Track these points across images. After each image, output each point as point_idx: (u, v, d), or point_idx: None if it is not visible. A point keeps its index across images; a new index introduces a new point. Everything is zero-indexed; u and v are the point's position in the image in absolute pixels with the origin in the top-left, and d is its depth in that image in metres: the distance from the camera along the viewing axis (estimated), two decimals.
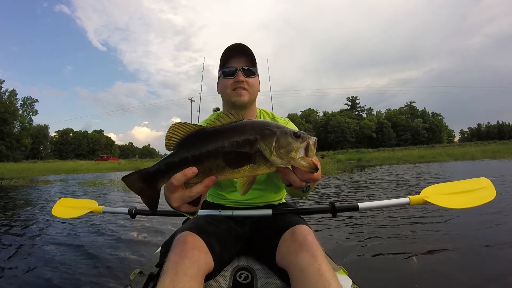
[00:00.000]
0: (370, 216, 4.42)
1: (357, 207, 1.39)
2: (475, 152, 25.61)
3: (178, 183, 0.78)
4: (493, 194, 1.33)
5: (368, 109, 77.47)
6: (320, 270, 0.94)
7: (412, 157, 26.51)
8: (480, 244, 2.98)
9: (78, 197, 5.66)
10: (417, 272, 2.41)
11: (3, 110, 45.09)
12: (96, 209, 1.71)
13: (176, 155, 0.83)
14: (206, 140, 0.81)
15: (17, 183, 13.53)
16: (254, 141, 0.80)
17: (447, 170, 13.35)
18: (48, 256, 3.03)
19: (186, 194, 0.81)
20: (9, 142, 46.89)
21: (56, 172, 24.81)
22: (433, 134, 70.07)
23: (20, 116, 52.51)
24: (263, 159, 0.80)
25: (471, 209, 2.69)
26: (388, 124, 69.45)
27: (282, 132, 0.80)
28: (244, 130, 0.81)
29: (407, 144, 61.80)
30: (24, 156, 51.44)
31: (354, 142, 66.17)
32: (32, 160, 46.91)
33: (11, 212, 5.90)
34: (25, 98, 56.94)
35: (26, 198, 8.42)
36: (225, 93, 1.40)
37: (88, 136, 77.28)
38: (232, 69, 1.36)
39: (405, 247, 2.99)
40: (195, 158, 0.80)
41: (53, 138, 72.91)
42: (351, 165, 22.04)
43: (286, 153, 0.79)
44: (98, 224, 4.44)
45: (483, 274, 2.31)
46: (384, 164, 21.68)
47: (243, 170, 0.81)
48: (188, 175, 0.78)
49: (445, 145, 51.81)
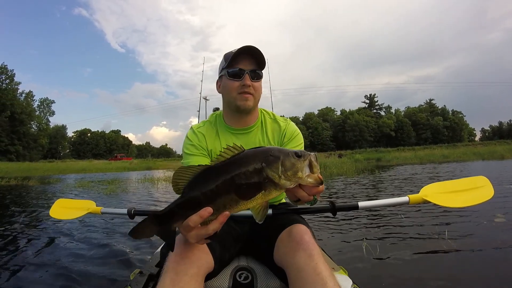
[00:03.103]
0: (370, 215, 4.38)
1: (357, 206, 1.37)
2: (503, 151, 25.39)
3: (194, 224, 0.81)
4: (491, 192, 1.34)
5: (386, 107, 75.12)
6: (316, 270, 0.94)
7: (435, 157, 26.19)
8: (482, 244, 2.92)
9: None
10: (417, 272, 2.38)
11: (20, 111, 45.80)
12: (95, 210, 1.68)
13: (187, 197, 0.85)
14: (215, 178, 0.83)
15: (8, 183, 13.18)
16: (261, 170, 0.82)
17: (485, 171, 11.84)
18: (47, 257, 2.99)
19: (202, 232, 0.83)
20: (26, 142, 47.66)
21: (64, 172, 24.93)
22: (453, 133, 67.45)
23: (37, 117, 53.57)
24: (273, 184, 0.82)
25: (472, 208, 2.65)
26: (408, 123, 67.06)
27: (285, 156, 0.82)
28: (248, 160, 0.83)
29: (427, 143, 59.56)
30: (42, 156, 52.45)
31: (373, 141, 64.10)
32: (49, 160, 48.01)
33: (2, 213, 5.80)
34: (42, 99, 58.14)
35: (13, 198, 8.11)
36: (230, 95, 1.37)
37: (106, 136, 78.53)
38: (239, 71, 1.32)
39: (406, 247, 2.96)
40: (207, 197, 0.82)
41: (71, 138, 74.51)
42: (370, 164, 21.12)
43: (294, 175, 0.81)
44: (97, 225, 4.39)
45: (484, 274, 2.28)
46: (407, 164, 20.67)
47: (256, 199, 0.83)
48: (204, 217, 0.80)
49: (466, 144, 49.63)
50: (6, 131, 43.28)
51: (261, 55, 1.33)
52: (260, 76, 1.37)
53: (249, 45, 1.31)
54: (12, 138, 44.41)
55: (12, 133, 44.62)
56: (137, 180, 13.42)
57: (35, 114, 52.55)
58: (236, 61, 1.33)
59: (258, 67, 1.36)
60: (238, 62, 1.33)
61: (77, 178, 17.53)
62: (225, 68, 1.36)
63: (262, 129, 1.48)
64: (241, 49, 1.31)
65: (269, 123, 1.50)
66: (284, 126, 1.49)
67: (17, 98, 47.11)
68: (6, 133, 43.42)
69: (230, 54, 1.35)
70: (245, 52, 1.32)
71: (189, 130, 1.49)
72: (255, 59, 1.34)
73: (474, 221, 3.74)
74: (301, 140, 1.49)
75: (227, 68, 1.35)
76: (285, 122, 1.51)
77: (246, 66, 1.33)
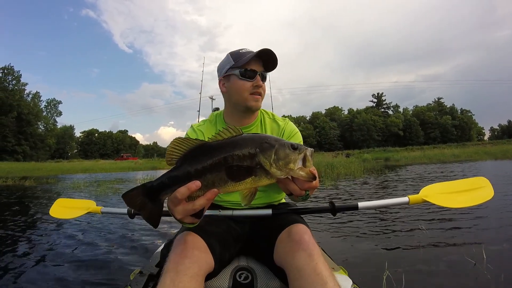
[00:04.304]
0: (370, 215, 4.37)
1: (356, 206, 1.37)
2: None
3: (181, 196, 0.82)
4: (491, 193, 1.34)
5: (394, 106, 73.96)
6: (316, 270, 0.94)
7: (445, 156, 25.86)
8: (483, 244, 2.82)
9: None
10: (418, 272, 2.37)
11: (27, 112, 46.01)
12: (95, 210, 1.68)
13: (179, 169, 0.86)
14: (208, 155, 0.85)
15: (5, 183, 13.04)
16: (254, 155, 0.84)
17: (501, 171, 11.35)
18: (47, 257, 2.98)
19: (189, 207, 0.84)
20: (33, 143, 47.90)
21: (67, 172, 25.00)
22: (462, 132, 66.28)
23: (44, 118, 53.95)
24: (263, 171, 0.84)
25: (473, 208, 2.54)
26: (416, 122, 65.97)
27: (280, 145, 0.84)
28: (244, 144, 0.85)
29: (436, 143, 58.48)
30: (49, 156, 52.75)
31: (381, 140, 63.16)
32: (57, 160, 48.30)
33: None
34: (49, 99, 58.57)
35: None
36: (240, 96, 1.37)
37: (113, 136, 78.78)
38: (252, 72, 1.34)
39: (406, 247, 2.94)
40: (198, 172, 0.84)
41: (78, 138, 75.03)
42: (378, 164, 20.59)
43: (285, 165, 0.83)
44: (97, 224, 4.39)
45: (485, 274, 2.21)
46: (417, 164, 20.17)
47: (245, 183, 0.85)
48: (192, 189, 0.81)
49: (476, 143, 48.84)
50: (13, 131, 43.57)
51: (276, 60, 1.36)
52: (265, 77, 1.41)
53: (268, 49, 1.32)
54: (19, 138, 44.66)
55: (19, 133, 44.87)
56: (141, 180, 13.16)
57: (42, 115, 52.90)
58: (249, 62, 1.33)
59: (266, 69, 1.39)
60: (251, 63, 1.34)
61: (77, 178, 17.38)
62: (236, 68, 1.35)
63: (261, 128, 1.50)
64: (261, 52, 1.32)
65: (268, 122, 1.52)
66: (283, 125, 1.51)
67: (24, 98, 47.37)
68: (13, 134, 43.69)
69: (239, 53, 1.37)
70: (263, 55, 1.33)
71: (189, 129, 1.53)
72: (264, 61, 1.37)
73: (476, 221, 3.76)
74: (300, 139, 1.49)
75: (238, 68, 1.34)
76: (283, 121, 1.54)
77: (258, 68, 1.35)
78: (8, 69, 45.71)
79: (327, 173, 12.61)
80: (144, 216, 0.90)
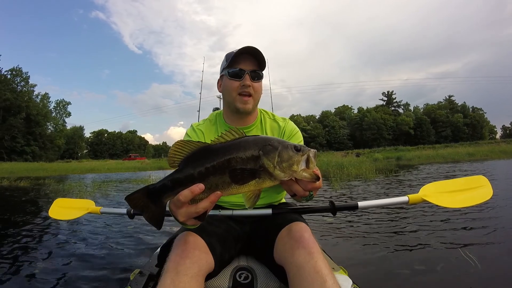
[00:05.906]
0: (370, 215, 4.34)
1: (356, 206, 1.37)
2: None
3: (185, 199, 0.81)
4: (490, 193, 1.32)
5: (405, 105, 72.43)
6: (316, 267, 0.94)
7: (459, 155, 24.97)
8: (483, 244, 2.85)
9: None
10: (418, 272, 2.34)
11: (36, 113, 46.34)
12: (94, 210, 1.67)
13: (182, 172, 0.85)
14: (211, 157, 0.84)
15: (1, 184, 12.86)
16: (257, 157, 0.84)
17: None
18: (47, 257, 2.97)
19: (192, 210, 0.84)
20: (42, 143, 48.27)
21: (73, 172, 24.99)
22: (473, 130, 64.71)
23: (53, 118, 54.49)
24: (267, 174, 0.84)
25: (475, 206, 2.00)
26: (427, 120, 64.52)
27: (284, 147, 0.84)
28: (247, 146, 0.85)
29: (447, 141, 56.89)
30: (58, 156, 53.12)
31: (391, 139, 61.91)
32: (66, 160, 48.52)
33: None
34: (58, 100, 59.14)
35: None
36: (230, 96, 1.38)
37: (122, 137, 79.30)
38: (240, 71, 1.33)
39: (406, 247, 2.90)
40: (201, 174, 0.83)
41: (88, 139, 75.58)
42: (390, 164, 19.83)
43: (289, 167, 0.83)
44: (96, 224, 4.38)
45: (485, 274, 2.23)
46: (430, 163, 19.47)
47: (249, 185, 0.85)
48: (195, 192, 0.80)
49: (489, 142, 47.62)
50: (22, 132, 43.86)
51: (261, 55, 1.33)
52: (261, 76, 1.38)
53: (249, 46, 1.31)
54: (28, 139, 44.96)
55: (28, 134, 45.17)
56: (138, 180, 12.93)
57: (51, 116, 53.37)
58: (237, 61, 1.33)
59: (259, 68, 1.36)
60: (239, 62, 1.33)
61: (76, 178, 17.19)
62: (226, 68, 1.37)
63: (262, 128, 1.48)
64: (241, 50, 1.31)
65: (268, 122, 1.51)
66: (283, 125, 1.50)
67: (32, 99, 47.71)
68: (22, 134, 44.01)
69: (231, 54, 1.36)
70: (245, 52, 1.32)
71: (189, 128, 1.52)
72: (256, 60, 1.35)
73: (476, 220, 3.74)
74: (301, 138, 1.48)
75: (228, 68, 1.36)
76: (284, 121, 1.54)
77: (247, 67, 1.34)
78: (16, 70, 46.07)
79: (336, 173, 11.99)
80: (147, 218, 0.89)
